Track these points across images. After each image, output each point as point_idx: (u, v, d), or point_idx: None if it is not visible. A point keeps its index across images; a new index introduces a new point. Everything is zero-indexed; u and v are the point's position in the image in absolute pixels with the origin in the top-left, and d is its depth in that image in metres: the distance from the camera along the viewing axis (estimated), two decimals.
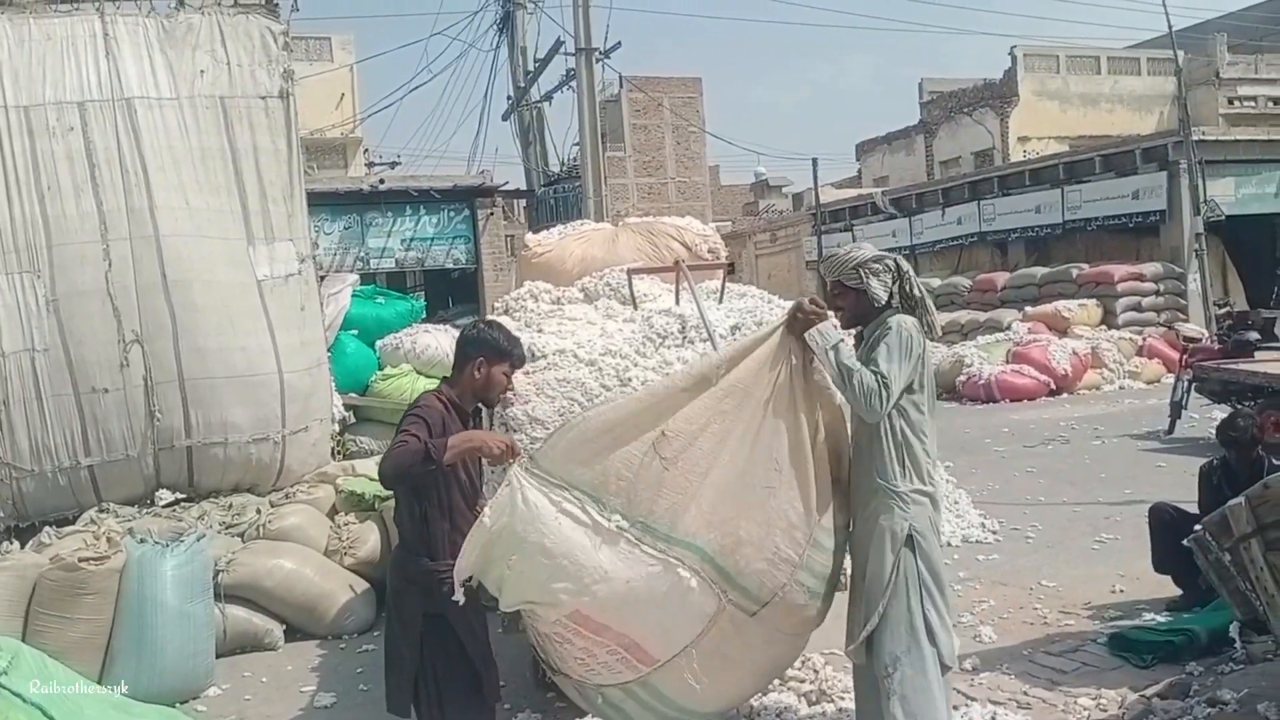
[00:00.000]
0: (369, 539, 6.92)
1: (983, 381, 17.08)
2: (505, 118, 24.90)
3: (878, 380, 3.55)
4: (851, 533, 3.78)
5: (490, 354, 3.74)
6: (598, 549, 3.39)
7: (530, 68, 23.48)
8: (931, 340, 3.81)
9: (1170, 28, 21.49)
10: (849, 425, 3.85)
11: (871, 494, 3.69)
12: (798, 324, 3.67)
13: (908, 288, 3.81)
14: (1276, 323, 16.30)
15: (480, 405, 3.89)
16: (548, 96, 24.04)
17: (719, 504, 3.49)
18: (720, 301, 5.45)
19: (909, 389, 3.67)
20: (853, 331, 3.92)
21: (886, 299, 3.79)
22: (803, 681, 4.88)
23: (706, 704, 3.62)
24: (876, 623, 3.64)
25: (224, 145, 7.32)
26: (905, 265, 3.88)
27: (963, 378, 17.58)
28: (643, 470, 3.47)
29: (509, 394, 4.55)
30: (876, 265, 3.80)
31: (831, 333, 3.64)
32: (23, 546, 6.59)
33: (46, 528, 6.83)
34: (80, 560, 5.71)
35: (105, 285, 6.95)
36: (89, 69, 7.14)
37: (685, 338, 4.94)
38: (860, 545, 3.75)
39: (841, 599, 3.85)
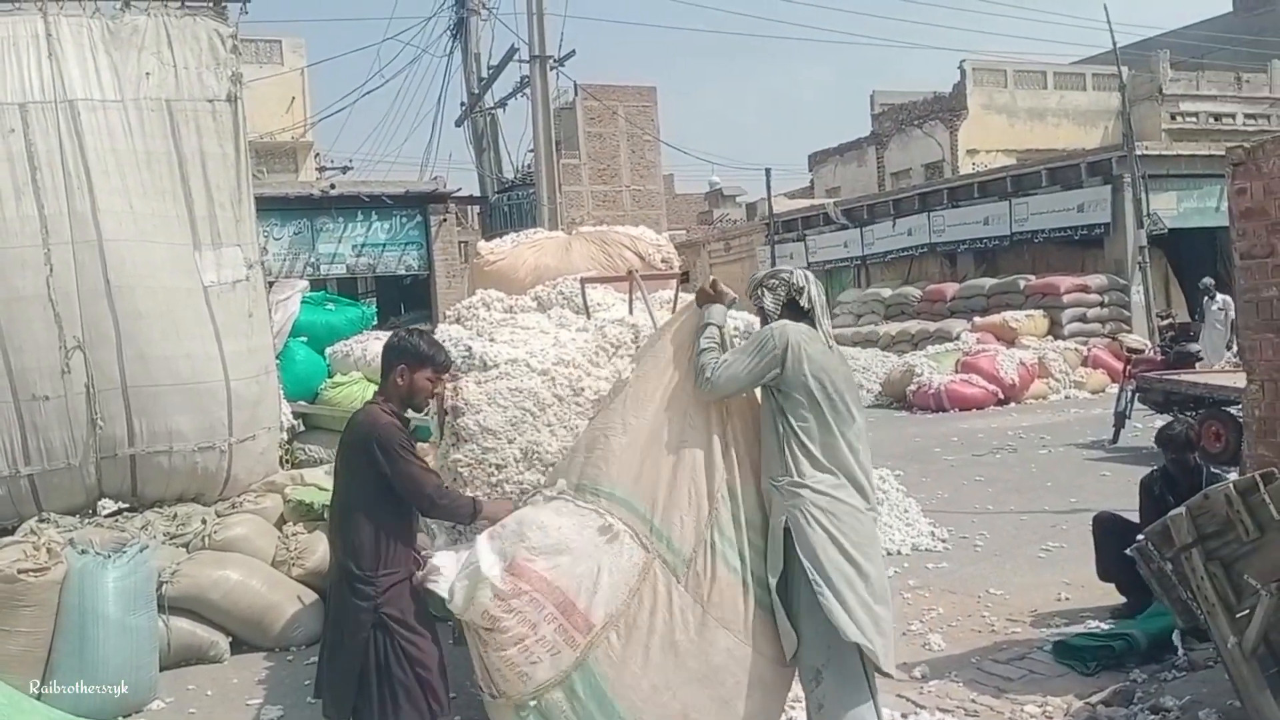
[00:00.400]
0: (318, 549, 6.81)
1: (932, 391, 17.29)
2: (459, 124, 24.76)
3: (712, 365, 3.82)
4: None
5: (411, 361, 3.83)
6: (539, 509, 3.81)
7: (484, 74, 23.38)
8: (818, 350, 3.86)
9: (1115, 44, 21.98)
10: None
11: (768, 495, 3.84)
12: (700, 297, 4.07)
13: (800, 300, 4.00)
14: (1195, 330, 16.73)
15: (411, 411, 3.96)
16: (502, 103, 23.96)
17: (638, 460, 3.81)
18: (674, 311, 5.44)
19: (787, 395, 3.78)
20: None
21: (779, 312, 4.02)
22: None
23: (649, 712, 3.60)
24: (795, 640, 3.69)
25: (170, 149, 7.18)
26: (802, 280, 4.04)
27: (913, 387, 17.78)
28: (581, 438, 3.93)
29: (460, 403, 4.52)
30: (772, 281, 4.09)
31: (716, 312, 3.98)
32: None
33: None
34: (19, 571, 5.55)
35: (46, 291, 6.78)
36: (31, 70, 6.97)
37: (639, 347, 4.93)
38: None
39: None
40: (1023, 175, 23.84)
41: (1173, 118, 32.07)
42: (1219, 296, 16.11)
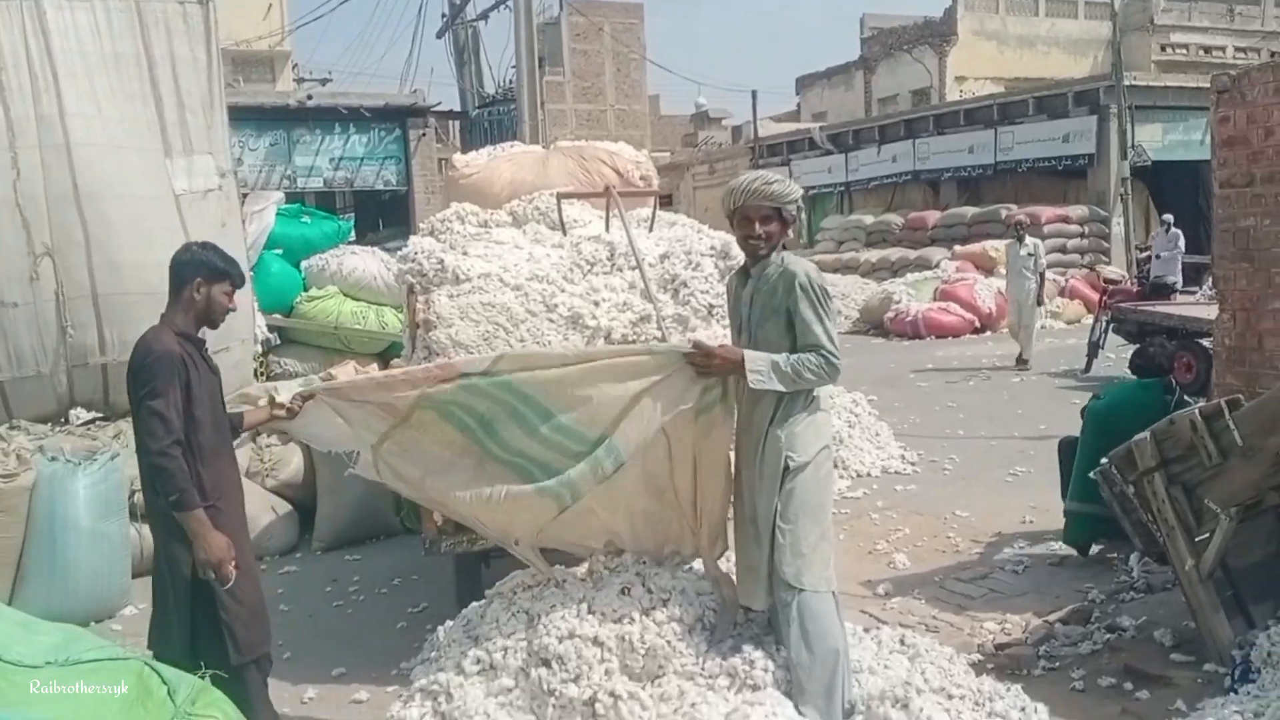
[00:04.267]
0: (291, 461, 6.84)
1: (910, 318, 17.35)
2: (440, 36, 24.22)
3: (822, 357, 3.50)
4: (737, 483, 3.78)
5: (207, 274, 3.66)
6: None
7: None
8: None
9: None
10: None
11: (760, 438, 3.65)
12: (713, 370, 3.58)
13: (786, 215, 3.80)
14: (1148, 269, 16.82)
15: (207, 328, 3.77)
16: (484, 15, 23.41)
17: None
18: (650, 230, 5.41)
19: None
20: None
21: (776, 227, 3.75)
22: None
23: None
24: (767, 560, 3.63)
25: (139, 51, 7.00)
26: (798, 190, 3.90)
27: (890, 314, 17.83)
28: None
29: (431, 317, 4.50)
30: (794, 209, 3.80)
31: (760, 362, 3.51)
32: None
33: None
34: None
35: (13, 195, 6.65)
36: None
37: (614, 265, 4.91)
38: (750, 489, 3.71)
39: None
40: (1009, 104, 23.66)
41: (1163, 49, 31.77)
42: (1173, 230, 16.64)
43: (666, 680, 3.50)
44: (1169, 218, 17.48)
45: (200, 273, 3.65)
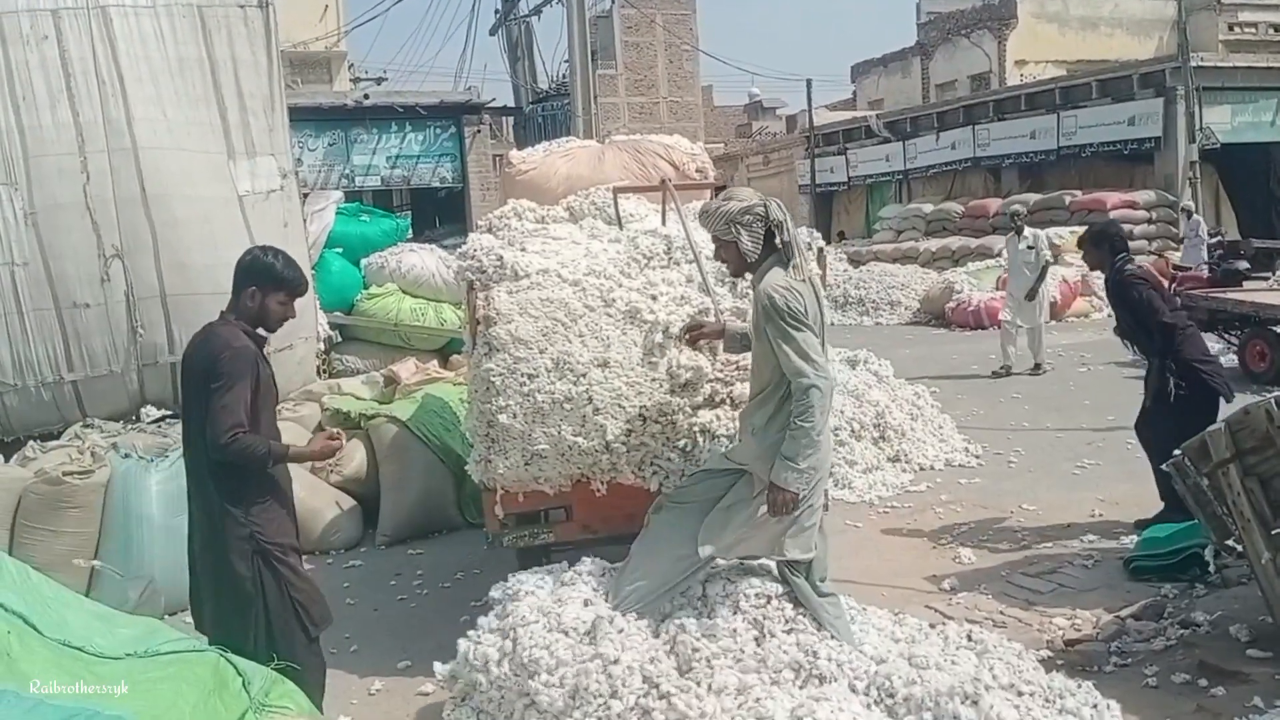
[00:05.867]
0: (355, 457, 6.93)
1: (972, 308, 17.08)
2: (493, 32, 24.45)
3: (802, 391, 3.58)
4: None
5: (263, 282, 3.64)
6: None
7: None
8: (807, 291, 3.73)
9: None
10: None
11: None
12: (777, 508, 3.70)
13: (778, 236, 3.76)
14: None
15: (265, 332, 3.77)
16: (536, 10, 23.60)
17: None
18: None
19: None
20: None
21: (758, 251, 3.77)
22: None
23: None
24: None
25: (202, 55, 7.15)
26: (779, 214, 3.80)
27: (952, 304, 17.57)
28: None
29: (492, 313, 4.51)
30: (746, 217, 3.76)
31: (786, 474, 3.63)
32: (7, 461, 6.57)
33: (31, 442, 6.80)
34: (64, 474, 5.71)
35: (84, 199, 6.84)
36: None
37: (671, 259, 4.88)
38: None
39: None
40: (1071, 87, 23.16)
41: (1230, 28, 30.81)
42: (1194, 217, 16.95)
43: (727, 675, 3.48)
44: (1189, 205, 17.62)
45: (256, 281, 3.65)
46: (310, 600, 3.70)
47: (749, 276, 3.93)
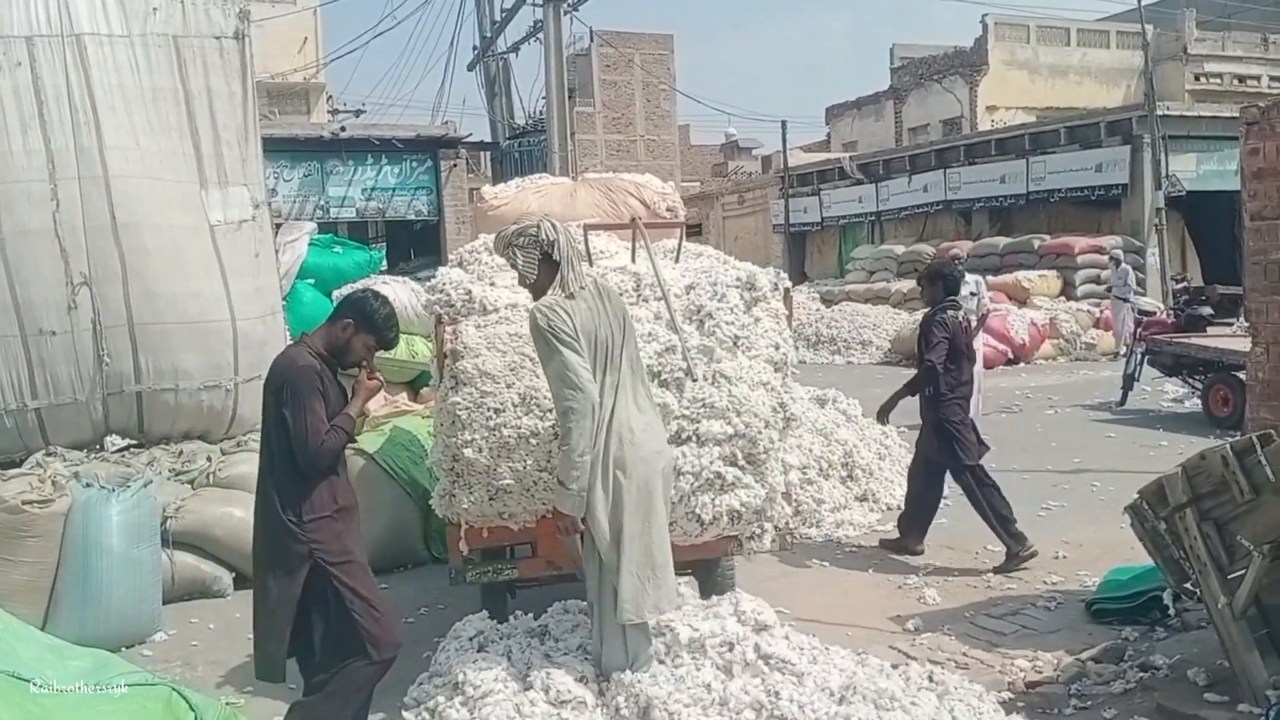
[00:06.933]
0: None
1: None
2: (471, 68, 24.57)
3: (564, 409, 3.76)
4: None
5: (361, 321, 3.79)
6: None
7: (497, 17, 23.14)
8: (579, 307, 3.84)
9: (1140, 1, 21.57)
10: None
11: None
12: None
13: (552, 254, 3.89)
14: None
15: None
16: (515, 47, 23.73)
17: None
18: (676, 261, 5.43)
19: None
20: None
21: (536, 271, 3.93)
22: None
23: None
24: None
25: (176, 86, 7.16)
26: (551, 232, 3.92)
27: None
28: None
29: (459, 347, 4.53)
30: (522, 239, 3.94)
31: (564, 503, 3.85)
32: None
33: None
34: (24, 503, 5.63)
35: (53, 225, 6.80)
36: (37, 3, 6.93)
37: (640, 295, 4.92)
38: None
39: None
40: (1041, 133, 23.57)
41: (1196, 78, 31.56)
42: (1122, 265, 17.20)
43: (685, 714, 3.48)
44: (1118, 253, 17.82)
45: (356, 317, 3.79)
46: (370, 618, 3.69)
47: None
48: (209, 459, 6.95)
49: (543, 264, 3.92)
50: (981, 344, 11.36)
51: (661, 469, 3.95)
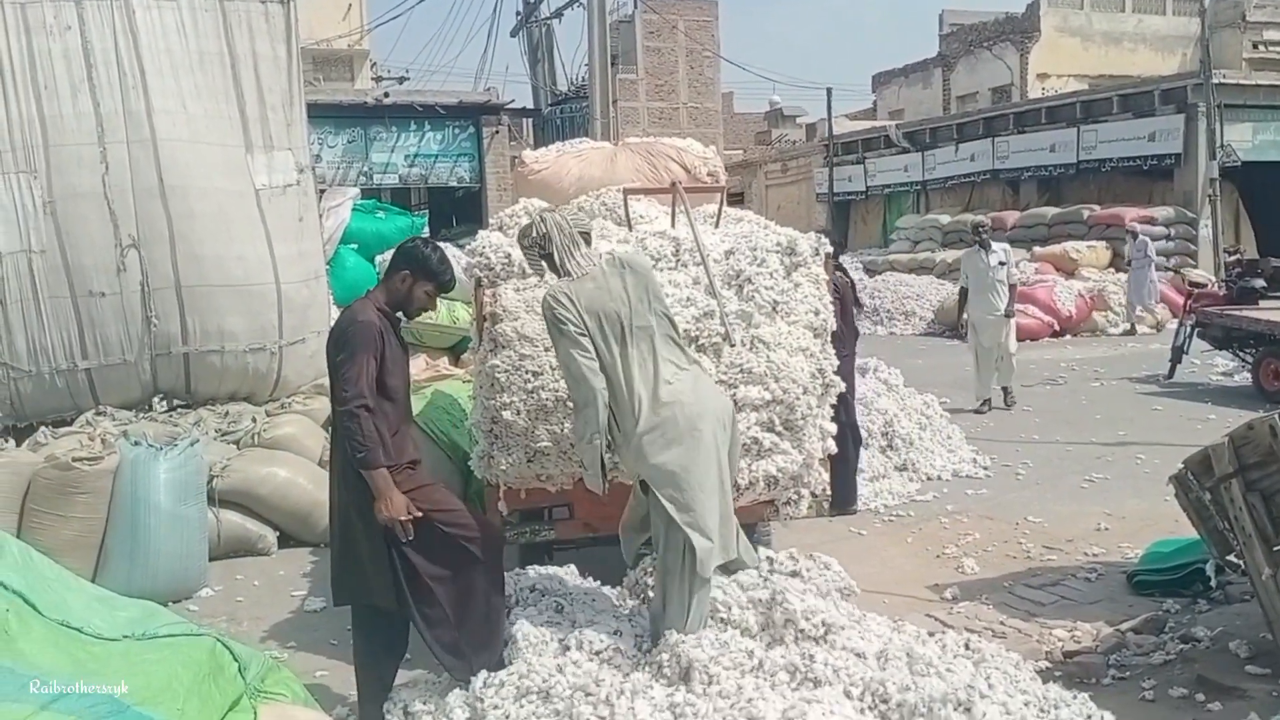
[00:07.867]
0: None
1: None
2: (514, 34, 24.50)
3: (569, 396, 3.94)
4: None
5: (418, 271, 3.87)
6: None
7: None
8: (585, 289, 3.85)
9: None
10: None
11: None
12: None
13: (552, 252, 3.93)
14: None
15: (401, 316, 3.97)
16: (558, 13, 23.65)
17: None
18: (716, 226, 5.40)
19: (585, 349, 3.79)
20: None
21: (542, 266, 4.03)
22: None
23: None
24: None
25: (222, 50, 7.22)
26: (542, 227, 3.95)
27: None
28: None
29: (499, 310, 4.55)
30: (522, 242, 4.03)
31: (588, 478, 3.97)
32: (19, 445, 6.65)
33: (43, 428, 6.89)
34: (74, 460, 5.76)
35: (102, 189, 6.91)
36: None
37: (679, 260, 4.90)
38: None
39: None
40: (1093, 101, 23.06)
41: (1254, 46, 30.64)
42: (1140, 238, 17.05)
43: (724, 676, 3.50)
44: (1135, 226, 17.67)
45: (411, 266, 3.87)
46: (412, 573, 3.75)
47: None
48: (254, 420, 7.07)
49: (546, 259, 4.00)
50: (1014, 315, 10.99)
51: (712, 423, 3.93)
